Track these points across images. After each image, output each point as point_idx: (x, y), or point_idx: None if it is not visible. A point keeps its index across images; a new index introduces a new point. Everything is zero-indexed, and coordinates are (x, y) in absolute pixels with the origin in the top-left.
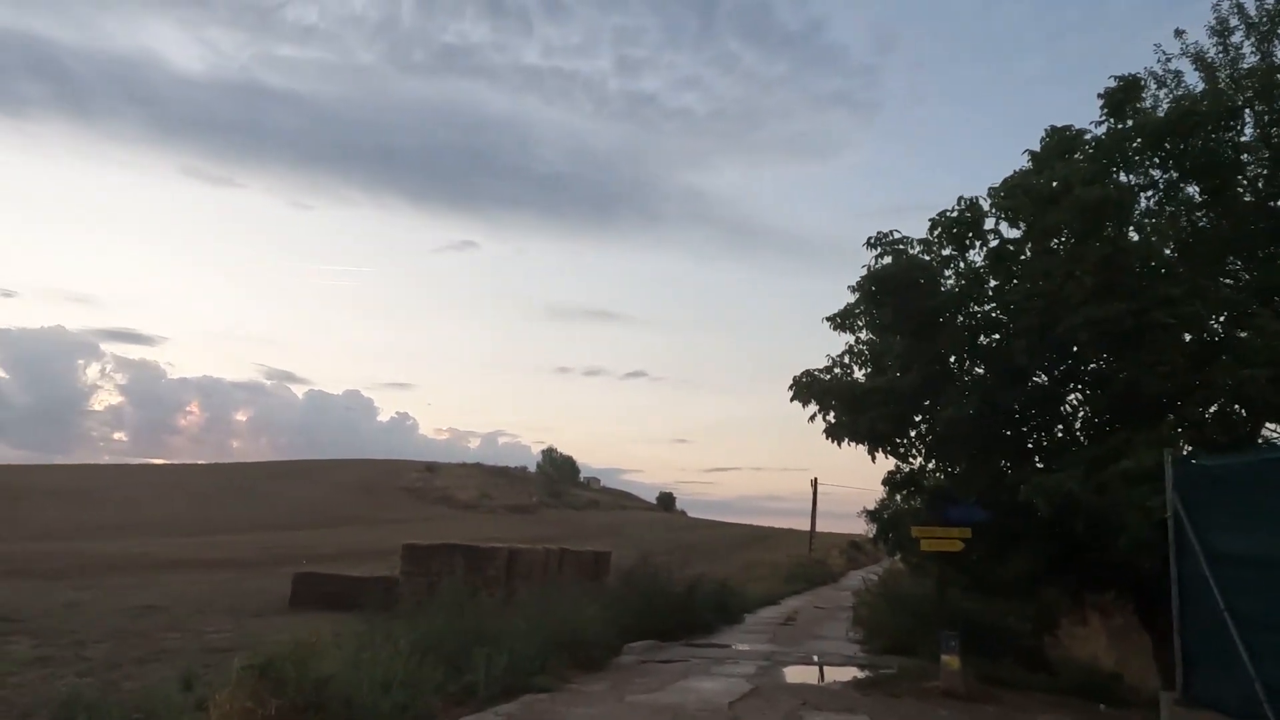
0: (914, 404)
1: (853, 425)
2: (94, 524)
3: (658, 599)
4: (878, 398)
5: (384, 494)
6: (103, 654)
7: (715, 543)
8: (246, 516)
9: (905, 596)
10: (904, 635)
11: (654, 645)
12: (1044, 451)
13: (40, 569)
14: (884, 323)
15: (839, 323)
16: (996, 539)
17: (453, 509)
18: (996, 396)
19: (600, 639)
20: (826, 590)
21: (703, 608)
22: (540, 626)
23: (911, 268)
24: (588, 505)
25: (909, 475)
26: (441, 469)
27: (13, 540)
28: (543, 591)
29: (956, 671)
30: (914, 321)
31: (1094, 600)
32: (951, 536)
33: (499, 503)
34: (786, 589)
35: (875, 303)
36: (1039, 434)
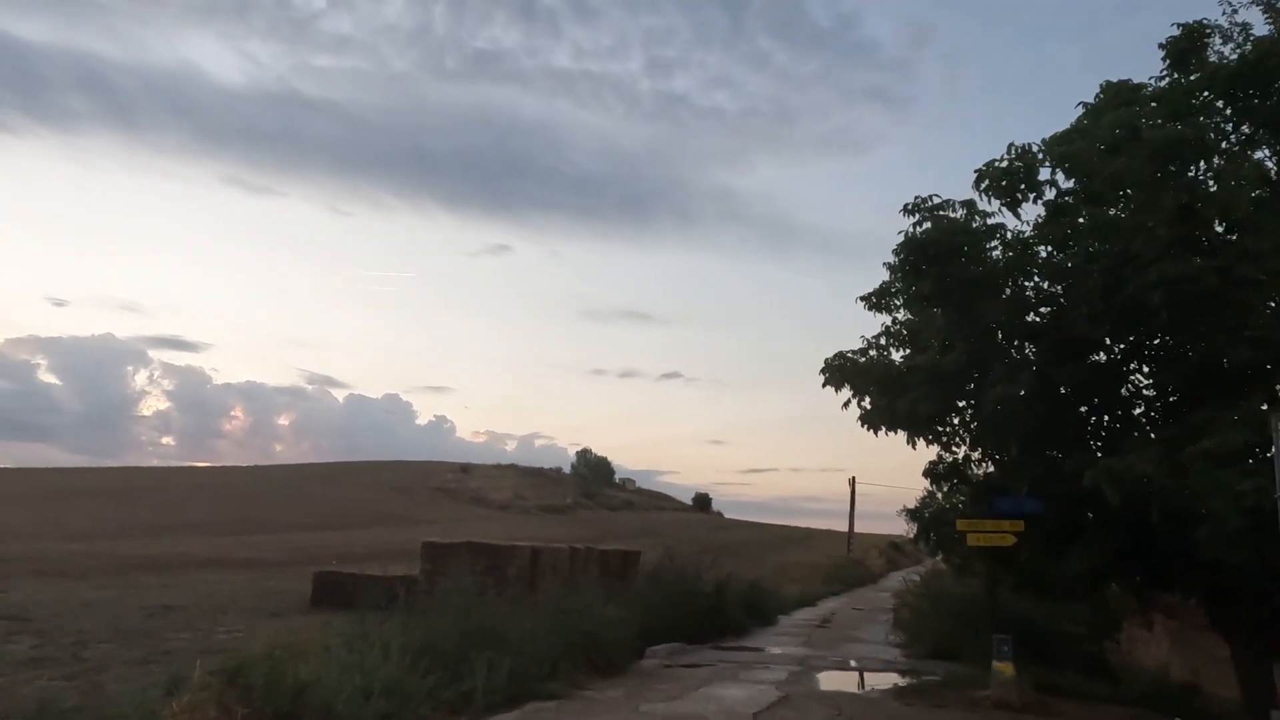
0: (958, 384)
1: (890, 410)
2: (133, 524)
3: (684, 599)
4: (918, 378)
5: (418, 495)
6: (102, 655)
7: (751, 543)
8: (283, 517)
9: (950, 597)
10: (949, 639)
11: (680, 648)
12: (1106, 435)
13: (68, 568)
14: (924, 295)
15: (874, 302)
16: (1052, 533)
17: (487, 509)
18: (1052, 374)
19: (619, 642)
20: (865, 591)
21: (733, 608)
22: (557, 628)
23: (954, 232)
24: (622, 506)
25: (952, 465)
26: (476, 470)
27: (50, 540)
28: (562, 591)
29: (1010, 680)
30: (958, 293)
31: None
32: (1002, 530)
33: (533, 503)
34: (824, 590)
35: (914, 273)
36: (1100, 415)
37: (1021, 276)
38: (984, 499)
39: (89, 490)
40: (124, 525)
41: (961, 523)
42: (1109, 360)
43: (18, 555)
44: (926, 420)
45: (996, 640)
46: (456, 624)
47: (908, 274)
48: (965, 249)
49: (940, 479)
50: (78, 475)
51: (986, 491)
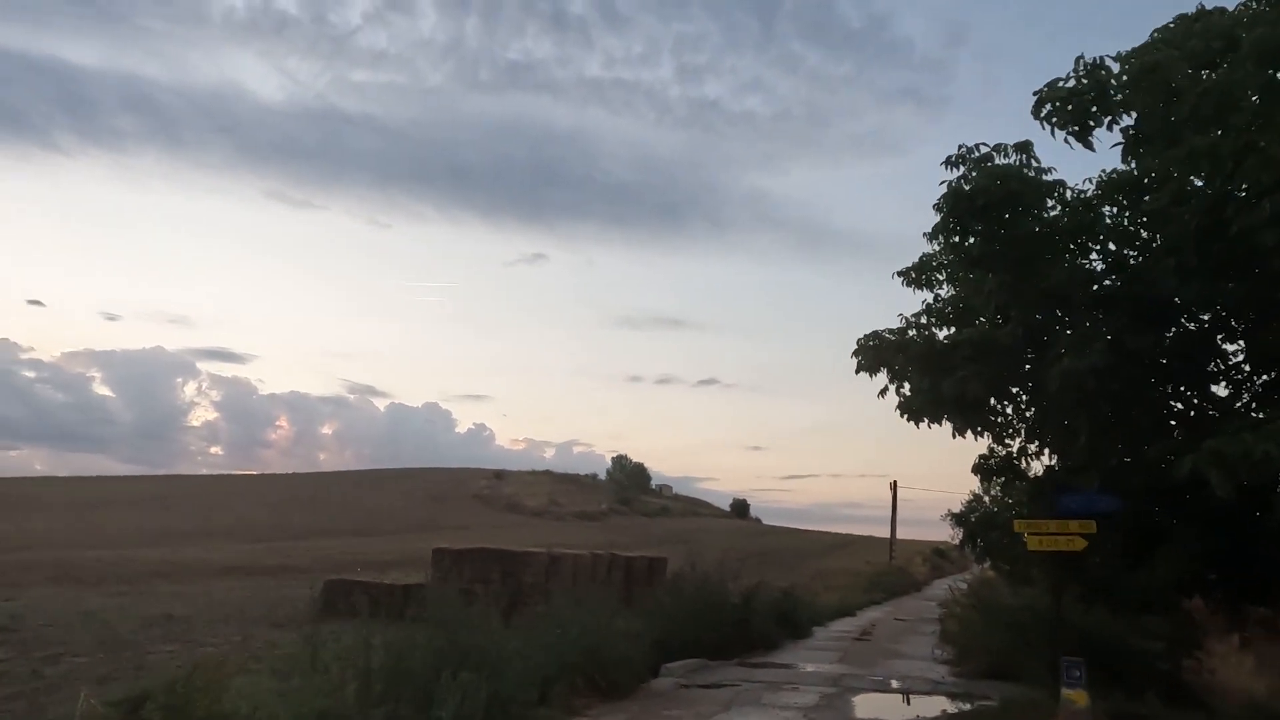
0: (1014, 360)
1: (934, 393)
2: (166, 531)
3: (707, 611)
4: (966, 353)
5: (453, 501)
6: (67, 670)
7: (790, 550)
8: (316, 524)
9: (1004, 608)
10: (1004, 656)
11: (700, 665)
12: (1196, 416)
13: (87, 575)
14: (973, 258)
15: (914, 277)
16: (1130, 535)
17: (520, 516)
18: (1129, 344)
19: (626, 659)
20: (908, 600)
21: (763, 620)
22: (559, 643)
23: (1008, 178)
24: (658, 512)
25: (1006, 460)
26: (510, 476)
27: (79, 547)
28: (566, 602)
29: (1084, 710)
30: (1013, 251)
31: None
32: (1069, 533)
33: (567, 510)
34: (864, 599)
35: (961, 231)
36: (1190, 392)
37: (1086, 238)
38: (1046, 497)
39: (130, 498)
40: (156, 532)
41: (1020, 524)
42: (1201, 326)
43: (41, 562)
44: (976, 404)
45: (1066, 664)
46: (431, 640)
47: (952, 233)
48: (1021, 199)
49: (992, 475)
50: (121, 484)
51: (1049, 488)
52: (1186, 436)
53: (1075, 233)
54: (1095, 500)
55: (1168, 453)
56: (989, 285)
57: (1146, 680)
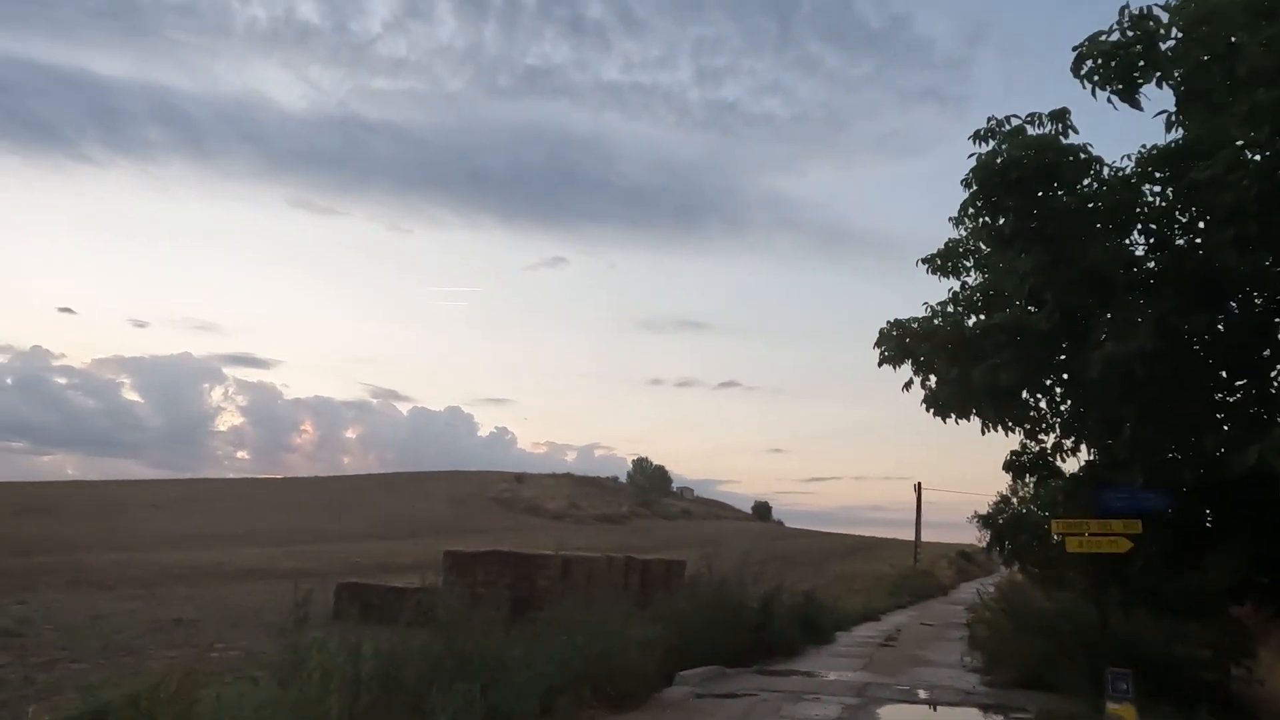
0: (1050, 347)
1: (963, 384)
2: (187, 535)
3: (724, 615)
4: (998, 339)
5: (473, 505)
6: (61, 676)
7: (813, 553)
8: (337, 527)
9: (1037, 614)
10: (1038, 665)
11: (717, 673)
12: (1256, 403)
13: (104, 578)
14: (1005, 237)
15: (939, 264)
16: (1179, 535)
17: (540, 519)
18: (1179, 326)
19: (637, 667)
20: (935, 605)
21: (783, 625)
22: (565, 650)
23: (1044, 149)
24: (680, 515)
25: (1039, 456)
26: (530, 479)
27: (97, 550)
28: (576, 606)
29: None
30: (1050, 227)
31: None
32: (1113, 533)
33: (588, 512)
34: (889, 603)
35: (992, 208)
36: (1248, 376)
37: (1126, 217)
38: (1085, 495)
39: (154, 502)
40: (179, 536)
41: (1058, 524)
42: (1259, 306)
43: (59, 565)
44: (1009, 394)
45: (1112, 676)
46: (428, 647)
47: (981, 211)
48: (1058, 172)
49: (1024, 472)
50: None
51: (1089, 485)
52: (1244, 427)
53: (1115, 211)
54: (1141, 498)
55: (1223, 444)
56: (1023, 266)
57: (1194, 692)
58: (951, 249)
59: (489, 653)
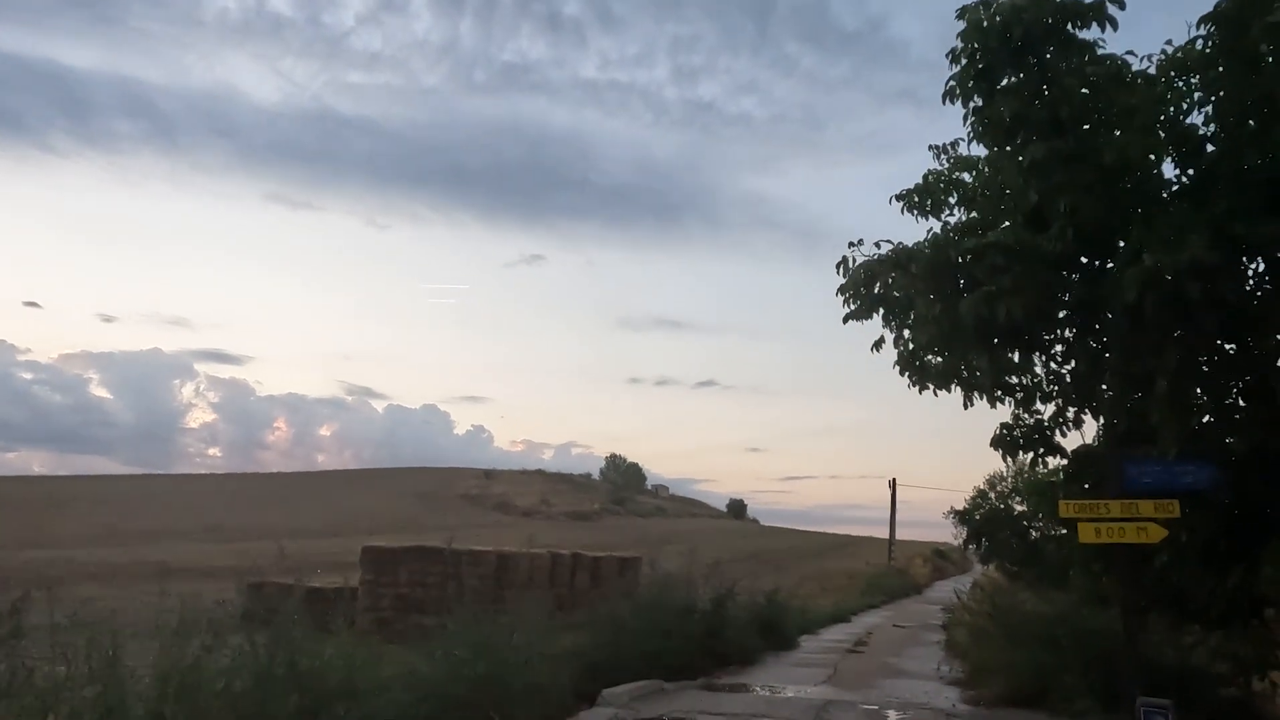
0: (1063, 272)
1: (948, 324)
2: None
3: (669, 619)
4: (996, 260)
5: (441, 501)
6: None
7: (787, 551)
8: (295, 524)
9: (1029, 618)
10: (1031, 678)
11: (653, 689)
12: None
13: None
14: (1004, 123)
15: (916, 201)
16: (1224, 519)
17: (509, 516)
18: (1247, 233)
19: (543, 688)
20: (910, 604)
21: (740, 630)
22: (441, 670)
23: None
24: (653, 513)
25: (1036, 429)
26: (501, 476)
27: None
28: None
29: None
30: (1063, 112)
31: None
32: (1141, 518)
33: (559, 509)
34: (862, 602)
35: (986, 80)
36: None
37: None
38: (1095, 473)
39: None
40: (126, 532)
41: (1067, 505)
42: None
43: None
44: (1009, 335)
45: (1146, 709)
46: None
47: (974, 91)
48: (1073, 41)
49: (1016, 449)
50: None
51: (1102, 460)
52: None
53: (1152, 90)
54: (1178, 471)
55: None
56: (1031, 154)
57: (1214, 710)
58: (932, 183)
59: (340, 673)
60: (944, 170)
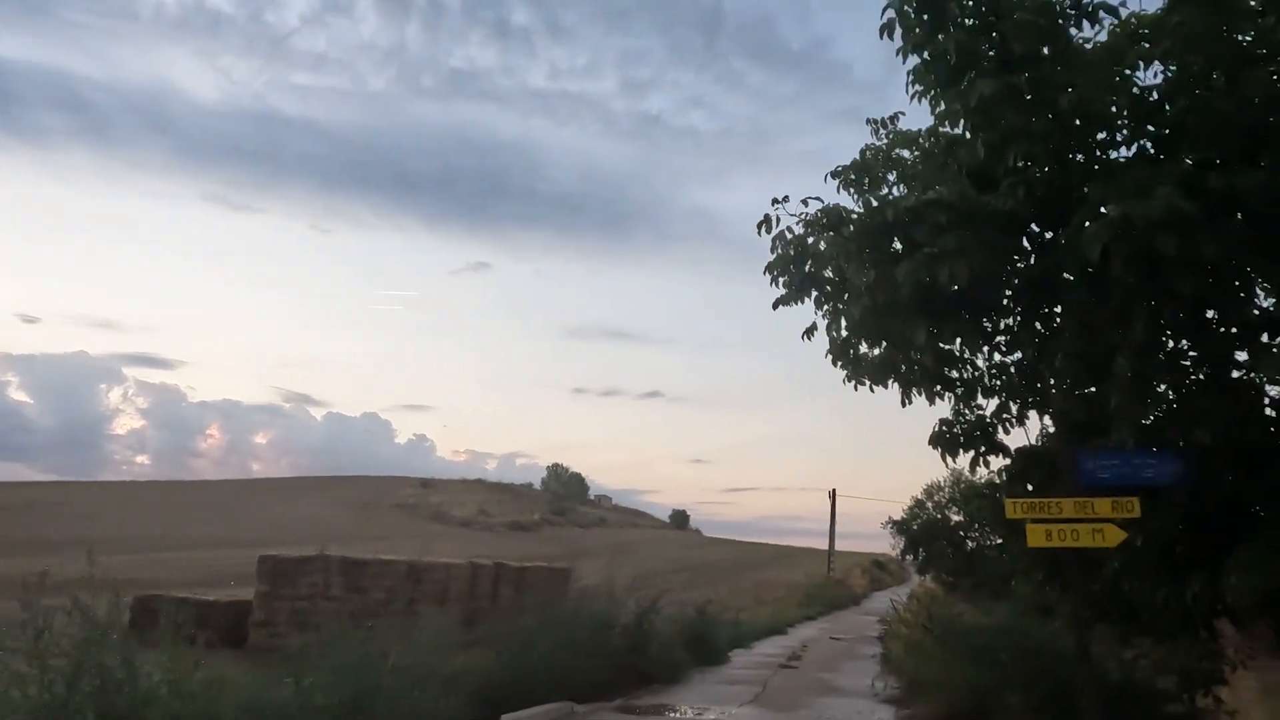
0: (1010, 238)
1: (883, 294)
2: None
3: (582, 636)
4: (938, 219)
5: (375, 511)
6: None
7: (728, 562)
8: (215, 533)
9: (969, 631)
10: (972, 696)
11: (561, 713)
12: None
13: None
14: (952, 65)
15: (853, 179)
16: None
17: (446, 526)
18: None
19: (421, 717)
20: (847, 615)
21: (664, 645)
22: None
23: None
24: (595, 523)
25: (977, 425)
26: (440, 485)
27: None
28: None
29: None
30: (1016, 49)
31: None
32: (1099, 517)
33: (498, 520)
34: (799, 614)
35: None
36: None
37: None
38: (1042, 473)
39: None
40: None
41: (1014, 505)
42: None
43: None
44: (954, 306)
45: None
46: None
47: (914, 20)
48: None
49: (956, 447)
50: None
51: (1050, 457)
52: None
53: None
54: (1139, 464)
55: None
56: (980, 90)
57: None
58: (870, 159)
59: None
60: (883, 145)
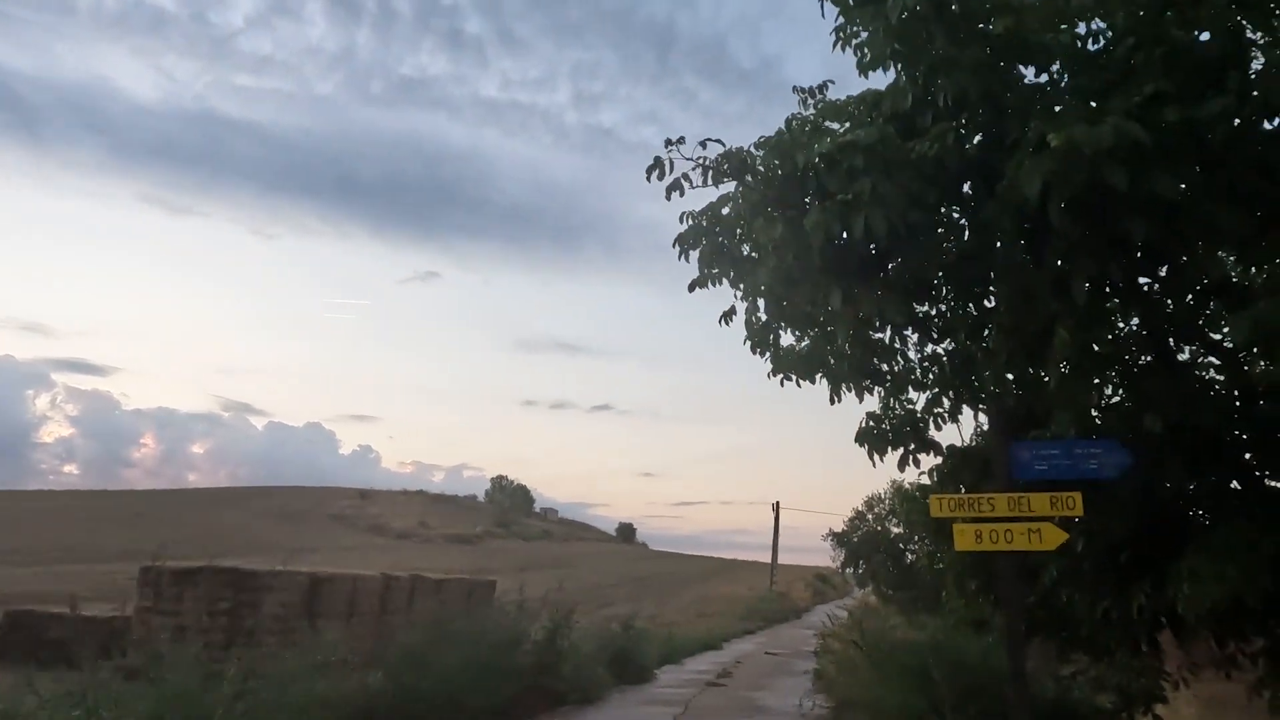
0: (936, 188)
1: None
2: None
3: (483, 653)
4: (855, 164)
5: (310, 522)
6: None
7: (672, 576)
8: (134, 545)
9: (900, 647)
10: (899, 714)
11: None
12: None
13: None
14: None
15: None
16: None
17: (384, 538)
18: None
19: None
20: (787, 629)
21: (579, 664)
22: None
23: None
24: (539, 536)
25: (908, 420)
26: (379, 496)
27: None
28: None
29: None
30: None
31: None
32: (1034, 516)
33: (438, 532)
34: (739, 628)
35: None
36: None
37: None
38: (977, 465)
39: None
40: None
41: (940, 502)
42: None
43: None
44: (873, 263)
45: None
46: None
47: None
48: None
49: (884, 445)
50: None
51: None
52: None
53: None
54: (1081, 455)
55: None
56: (902, 6)
57: None
58: (795, 130)
59: None
60: (810, 116)
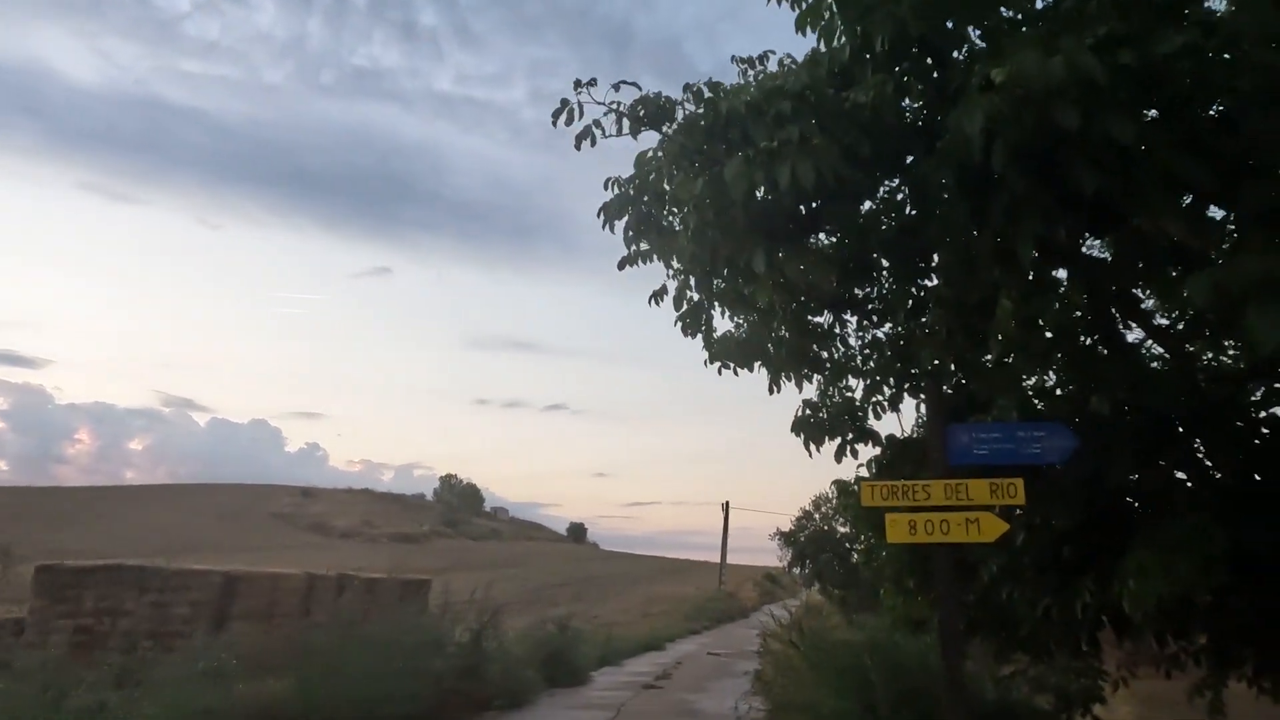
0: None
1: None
2: None
3: (400, 655)
4: (783, 110)
5: (249, 520)
6: None
7: (622, 576)
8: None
9: (837, 647)
10: (836, 717)
11: None
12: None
13: None
14: None
15: None
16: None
17: (325, 537)
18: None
19: None
20: (732, 628)
21: (507, 666)
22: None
23: None
24: (488, 536)
25: (846, 409)
26: (322, 494)
27: None
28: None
29: None
30: None
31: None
32: (974, 504)
33: (383, 531)
34: (684, 628)
35: None
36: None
37: None
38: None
39: None
40: None
41: (872, 489)
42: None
43: None
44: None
45: None
46: None
47: None
48: None
49: (820, 435)
50: None
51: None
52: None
53: None
54: (1024, 438)
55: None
56: None
57: None
58: None
59: None
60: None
